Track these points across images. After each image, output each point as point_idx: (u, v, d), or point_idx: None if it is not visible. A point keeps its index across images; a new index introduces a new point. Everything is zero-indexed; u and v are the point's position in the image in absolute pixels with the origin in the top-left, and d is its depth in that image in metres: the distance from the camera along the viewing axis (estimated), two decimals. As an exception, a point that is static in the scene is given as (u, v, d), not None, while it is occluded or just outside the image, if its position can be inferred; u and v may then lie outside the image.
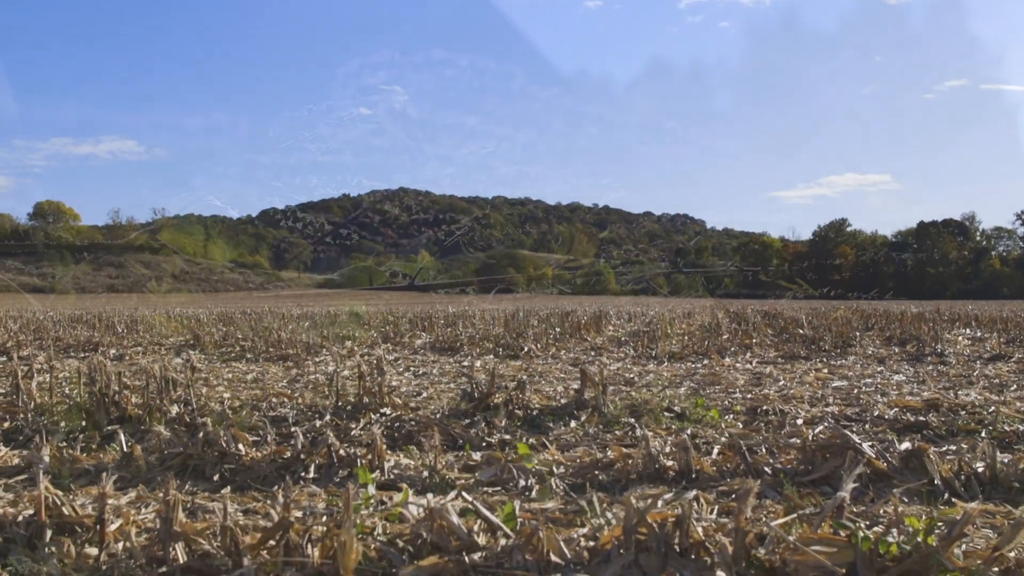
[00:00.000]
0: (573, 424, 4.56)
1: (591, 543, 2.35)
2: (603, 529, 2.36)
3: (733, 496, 3.01)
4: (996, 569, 2.08)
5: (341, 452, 3.61)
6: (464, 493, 2.90)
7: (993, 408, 4.76)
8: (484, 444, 4.09)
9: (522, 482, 3.35)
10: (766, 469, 3.46)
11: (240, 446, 3.66)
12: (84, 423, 4.49)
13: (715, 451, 3.83)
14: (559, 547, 2.26)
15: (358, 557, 2.14)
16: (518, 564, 2.22)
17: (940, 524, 2.26)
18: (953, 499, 3.07)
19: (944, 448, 3.86)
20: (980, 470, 3.26)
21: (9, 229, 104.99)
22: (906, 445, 3.54)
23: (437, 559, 2.22)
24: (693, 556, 2.18)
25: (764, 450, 3.78)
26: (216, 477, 3.49)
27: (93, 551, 2.41)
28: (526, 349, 9.67)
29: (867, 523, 2.59)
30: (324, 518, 2.60)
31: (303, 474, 3.49)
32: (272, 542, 2.33)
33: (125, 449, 3.72)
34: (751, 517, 2.56)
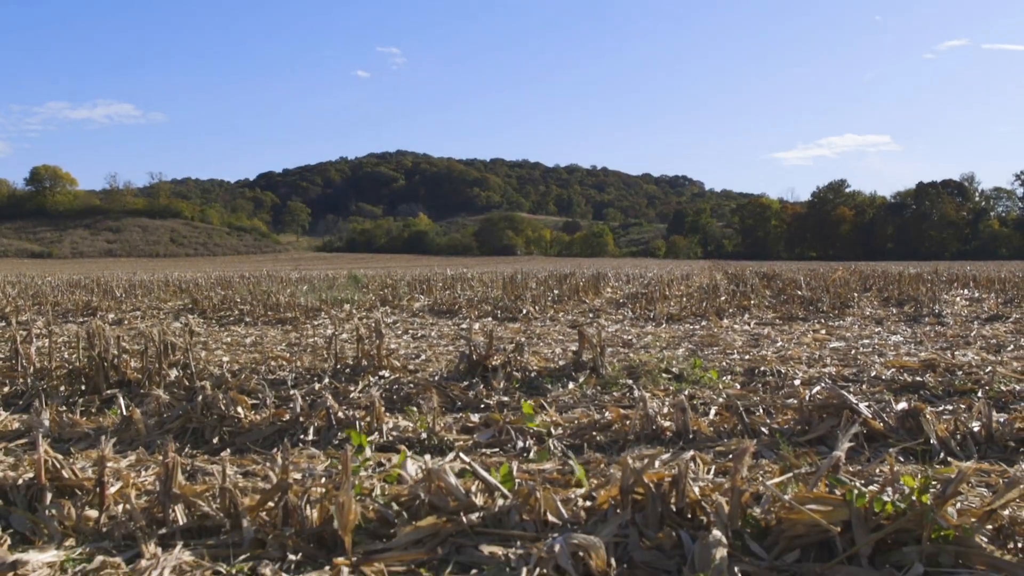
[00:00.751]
0: (571, 386, 4.57)
1: (588, 503, 2.36)
2: (600, 489, 2.37)
3: (730, 456, 3.03)
4: (990, 527, 2.10)
5: (340, 415, 3.63)
6: (462, 454, 2.91)
7: (990, 368, 4.78)
8: (482, 406, 4.10)
9: (520, 443, 3.37)
10: (763, 429, 3.48)
11: (239, 409, 3.67)
12: (83, 387, 4.50)
13: (712, 412, 3.84)
14: (556, 507, 2.27)
15: (356, 518, 2.15)
16: (515, 524, 2.24)
17: (935, 483, 2.27)
18: (949, 458, 3.09)
19: (941, 408, 3.88)
20: (976, 429, 3.27)
21: (6, 195, 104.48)
22: (903, 405, 3.54)
23: (435, 519, 2.23)
24: (689, 515, 2.19)
25: (761, 410, 3.80)
26: (215, 440, 3.50)
27: (93, 513, 2.42)
28: (524, 311, 9.67)
29: (863, 482, 2.60)
30: (323, 480, 2.61)
31: (302, 436, 3.50)
32: (271, 504, 2.34)
33: (124, 413, 3.74)
34: (747, 477, 2.58)
